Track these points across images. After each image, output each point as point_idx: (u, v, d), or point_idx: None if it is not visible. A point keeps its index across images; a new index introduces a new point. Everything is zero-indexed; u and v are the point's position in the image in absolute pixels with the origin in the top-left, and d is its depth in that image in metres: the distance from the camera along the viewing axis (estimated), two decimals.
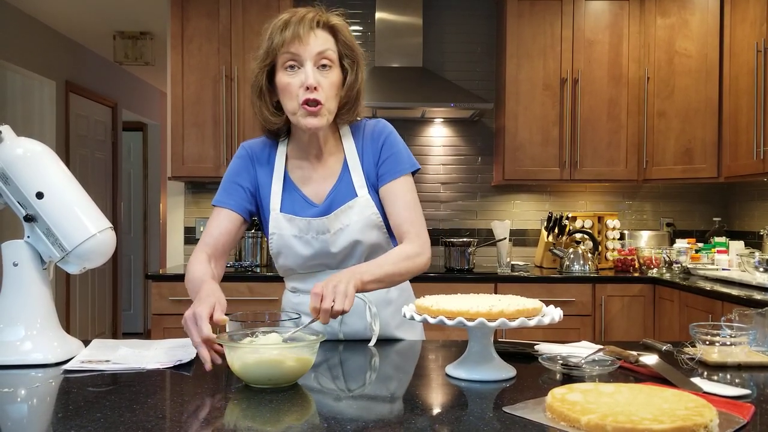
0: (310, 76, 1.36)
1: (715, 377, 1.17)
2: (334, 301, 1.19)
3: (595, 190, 4.03)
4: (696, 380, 1.10)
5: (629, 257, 3.52)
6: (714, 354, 1.25)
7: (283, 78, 1.39)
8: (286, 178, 1.51)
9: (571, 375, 1.16)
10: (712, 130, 3.44)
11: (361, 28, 3.98)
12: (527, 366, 1.23)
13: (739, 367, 1.23)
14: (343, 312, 1.19)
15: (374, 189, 1.50)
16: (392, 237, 1.53)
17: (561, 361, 1.19)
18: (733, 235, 3.68)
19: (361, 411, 0.99)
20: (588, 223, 3.61)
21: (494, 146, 3.95)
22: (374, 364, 1.33)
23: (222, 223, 1.49)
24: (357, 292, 1.25)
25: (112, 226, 1.33)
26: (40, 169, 1.27)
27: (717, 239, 3.46)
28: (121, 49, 5.08)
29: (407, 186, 1.49)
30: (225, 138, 3.54)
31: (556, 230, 3.63)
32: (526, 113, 3.65)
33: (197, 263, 1.42)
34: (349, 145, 1.52)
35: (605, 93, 3.65)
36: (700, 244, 3.51)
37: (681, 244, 3.45)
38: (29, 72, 4.55)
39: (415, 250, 1.42)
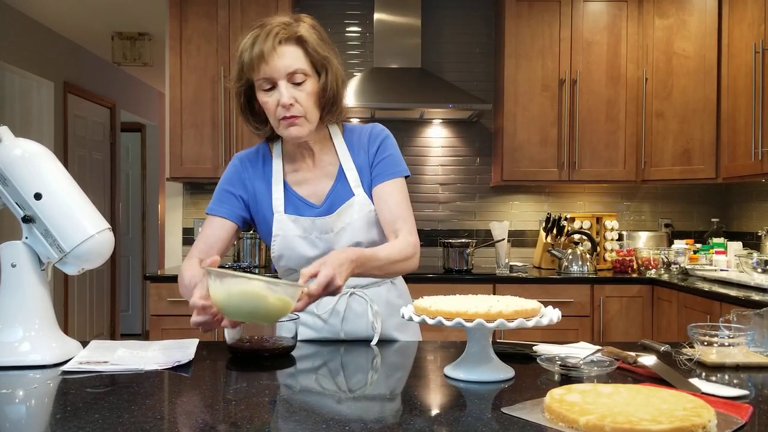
0: (284, 95, 1.39)
1: (714, 378, 1.17)
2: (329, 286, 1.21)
3: (594, 190, 4.03)
4: (694, 381, 1.10)
5: (627, 258, 3.53)
6: (712, 355, 1.25)
7: (261, 97, 1.42)
8: (285, 183, 1.54)
9: (569, 376, 1.16)
10: (711, 130, 3.44)
11: (360, 29, 3.98)
12: (526, 367, 1.23)
13: (737, 368, 1.23)
14: (336, 290, 1.21)
15: (368, 188, 1.53)
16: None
17: (559, 362, 1.19)
18: (732, 236, 3.68)
19: (360, 412, 0.99)
20: (586, 224, 3.62)
21: (493, 147, 3.95)
22: (373, 365, 1.33)
23: (215, 230, 1.52)
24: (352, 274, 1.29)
25: (110, 226, 1.33)
26: (39, 170, 1.27)
27: (715, 240, 3.47)
28: (119, 49, 5.07)
29: (400, 187, 1.53)
30: (223, 139, 3.54)
31: (555, 231, 3.63)
32: (525, 114, 3.65)
33: (188, 269, 1.44)
34: (341, 146, 1.55)
35: (603, 94, 3.66)
36: (699, 245, 3.51)
37: (679, 244, 3.45)
38: (27, 73, 4.55)
39: (409, 251, 1.45)
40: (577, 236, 3.56)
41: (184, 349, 1.34)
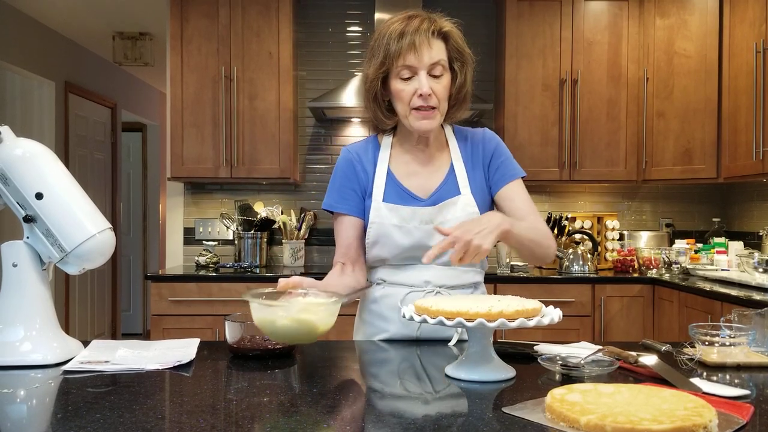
0: (425, 85, 1.44)
1: (715, 378, 1.17)
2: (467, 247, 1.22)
3: (595, 190, 4.03)
4: (695, 381, 1.10)
5: (629, 258, 3.53)
6: (713, 354, 1.25)
7: (396, 85, 1.47)
8: (389, 173, 1.57)
9: (570, 375, 1.16)
10: (712, 130, 3.44)
11: (360, 29, 3.98)
12: (527, 366, 1.23)
13: (738, 368, 1.23)
14: (479, 250, 1.22)
15: (477, 191, 1.56)
16: None
17: (560, 362, 1.19)
18: (733, 236, 3.68)
19: (359, 411, 0.99)
20: (587, 224, 3.62)
21: None
22: (373, 365, 1.33)
23: (347, 231, 1.58)
24: (499, 240, 1.31)
25: (111, 226, 1.33)
26: (40, 169, 1.27)
27: (716, 240, 3.46)
28: (120, 49, 5.08)
29: (522, 186, 1.58)
30: (224, 138, 3.54)
31: (556, 231, 3.63)
32: (526, 114, 3.65)
33: (328, 278, 1.52)
34: (453, 145, 1.60)
35: (604, 93, 3.65)
36: (700, 245, 3.51)
37: (680, 244, 3.45)
38: (28, 72, 4.55)
39: (550, 236, 1.50)
40: (578, 236, 3.56)
41: (185, 349, 1.34)
